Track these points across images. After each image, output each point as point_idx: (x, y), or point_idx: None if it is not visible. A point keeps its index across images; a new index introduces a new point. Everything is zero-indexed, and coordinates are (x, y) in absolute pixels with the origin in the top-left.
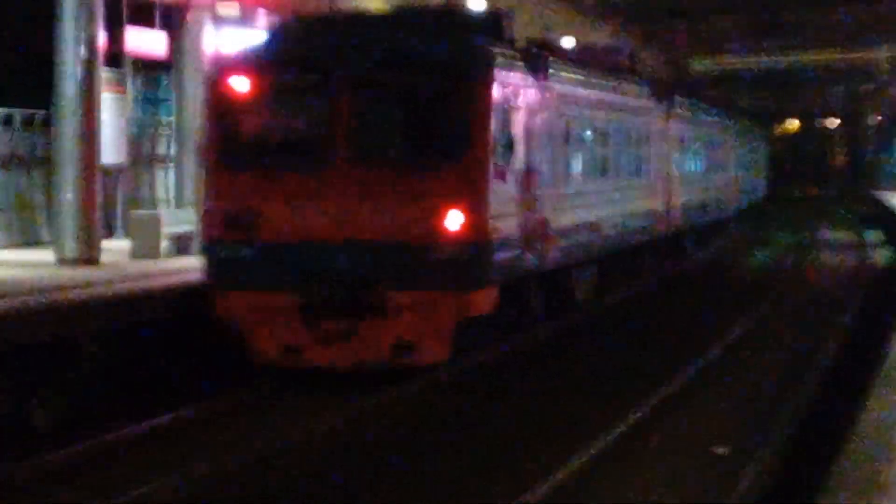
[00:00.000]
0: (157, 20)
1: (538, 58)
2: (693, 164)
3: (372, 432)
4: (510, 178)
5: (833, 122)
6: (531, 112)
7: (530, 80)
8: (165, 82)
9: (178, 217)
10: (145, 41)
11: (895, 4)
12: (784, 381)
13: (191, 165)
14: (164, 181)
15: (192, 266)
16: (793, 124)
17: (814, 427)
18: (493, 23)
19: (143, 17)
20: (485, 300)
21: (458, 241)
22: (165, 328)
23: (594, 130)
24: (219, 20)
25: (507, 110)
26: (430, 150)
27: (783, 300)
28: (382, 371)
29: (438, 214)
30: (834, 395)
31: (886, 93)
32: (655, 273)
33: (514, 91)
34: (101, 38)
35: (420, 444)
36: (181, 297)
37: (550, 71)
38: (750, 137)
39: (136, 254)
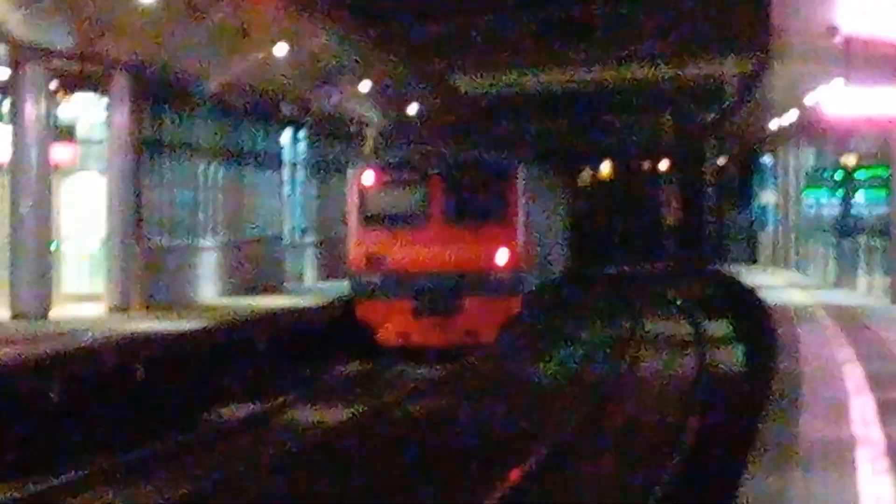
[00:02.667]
0: None
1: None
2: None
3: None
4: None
5: (663, 165)
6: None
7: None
8: None
9: None
10: None
11: None
12: None
13: None
14: None
15: None
16: (605, 169)
17: None
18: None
19: None
20: (518, 305)
21: (505, 266)
22: None
23: None
24: None
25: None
26: (487, 215)
27: (599, 419)
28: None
29: (495, 253)
30: None
31: (735, 123)
32: None
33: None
34: None
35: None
36: None
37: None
38: (537, 188)
39: None
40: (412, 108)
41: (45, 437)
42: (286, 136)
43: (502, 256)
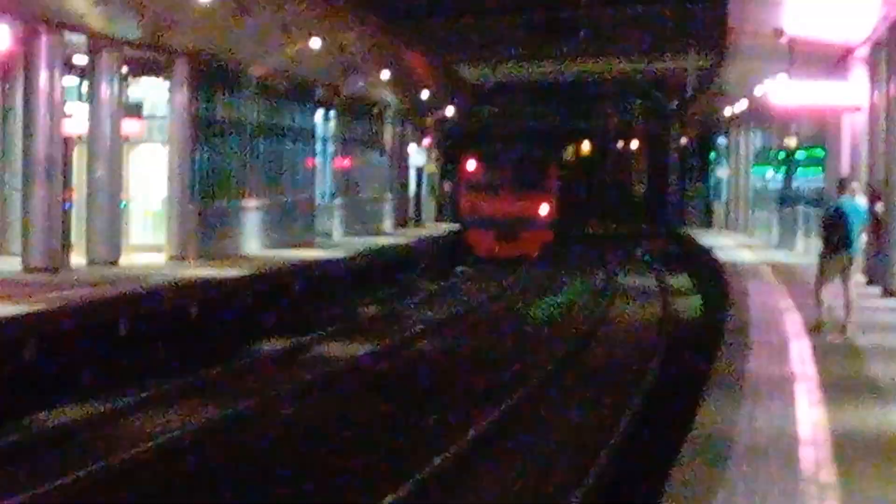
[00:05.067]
0: None
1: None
2: None
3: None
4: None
5: (634, 145)
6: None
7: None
8: None
9: None
10: None
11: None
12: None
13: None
14: None
15: None
16: (585, 147)
17: None
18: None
19: None
20: (551, 236)
21: (544, 215)
22: None
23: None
24: None
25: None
26: (536, 185)
27: (580, 355)
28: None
29: (538, 207)
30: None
31: (695, 110)
32: None
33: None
34: None
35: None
36: None
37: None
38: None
39: None
40: (425, 94)
41: (113, 363)
42: (319, 116)
43: (543, 209)
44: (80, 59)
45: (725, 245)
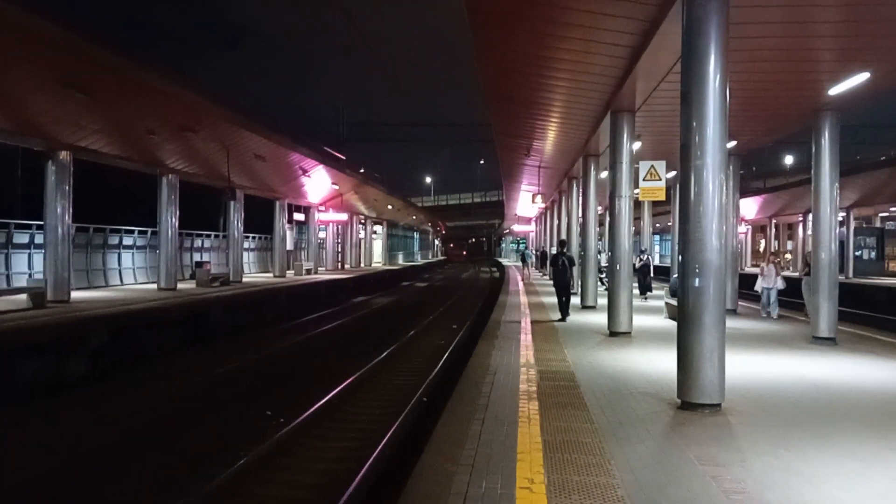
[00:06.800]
0: (303, 209)
1: None
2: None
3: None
4: None
5: (485, 238)
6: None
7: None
8: (304, 227)
9: None
10: (299, 216)
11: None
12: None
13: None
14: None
15: None
16: (473, 239)
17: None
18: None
19: (298, 209)
20: (465, 259)
21: (465, 254)
22: None
23: None
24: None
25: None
26: (463, 247)
27: (466, 292)
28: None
29: (464, 252)
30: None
31: (498, 231)
32: None
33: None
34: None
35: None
36: None
37: None
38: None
39: None
40: (428, 226)
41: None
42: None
43: (464, 253)
44: (299, 216)
45: (507, 263)
